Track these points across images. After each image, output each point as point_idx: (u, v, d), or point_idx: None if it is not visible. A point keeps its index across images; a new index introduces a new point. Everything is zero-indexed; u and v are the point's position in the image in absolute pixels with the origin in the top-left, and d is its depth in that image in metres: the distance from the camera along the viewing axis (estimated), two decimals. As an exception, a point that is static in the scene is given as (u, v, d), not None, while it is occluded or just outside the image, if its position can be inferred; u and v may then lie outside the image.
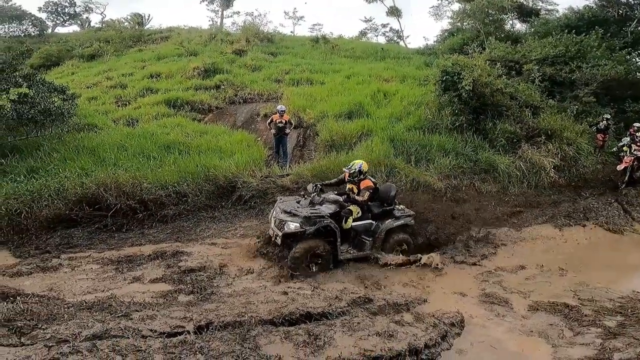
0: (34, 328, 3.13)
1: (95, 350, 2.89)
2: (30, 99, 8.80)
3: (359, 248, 5.54)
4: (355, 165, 5.76)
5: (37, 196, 6.91)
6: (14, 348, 2.89)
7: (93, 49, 15.77)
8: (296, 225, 5.18)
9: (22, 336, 3.05)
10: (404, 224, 5.76)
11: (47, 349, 2.88)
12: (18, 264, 5.76)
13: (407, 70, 13.06)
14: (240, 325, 3.41)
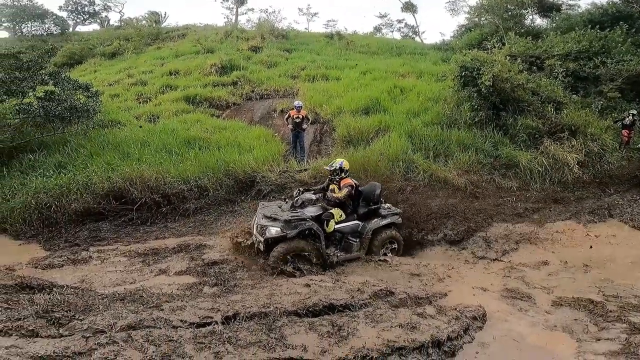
0: (72, 319, 3.20)
1: (130, 341, 2.95)
2: (56, 96, 9.11)
3: (347, 250, 5.41)
4: (336, 163, 5.69)
5: (66, 190, 7.18)
6: (53, 339, 2.95)
7: (113, 47, 16.16)
8: (277, 229, 5.06)
9: (61, 327, 3.10)
10: (390, 222, 5.65)
11: (84, 340, 2.94)
12: (49, 256, 5.97)
13: (424, 65, 12.95)
14: (265, 316, 3.48)
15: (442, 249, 5.72)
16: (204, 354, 2.92)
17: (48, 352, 2.73)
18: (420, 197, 7.14)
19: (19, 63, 8.85)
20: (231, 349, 3.02)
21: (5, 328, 2.96)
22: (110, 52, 16.02)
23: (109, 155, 8.36)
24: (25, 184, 7.48)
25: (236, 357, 2.95)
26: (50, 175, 7.76)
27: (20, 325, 2.99)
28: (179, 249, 6.14)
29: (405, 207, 6.93)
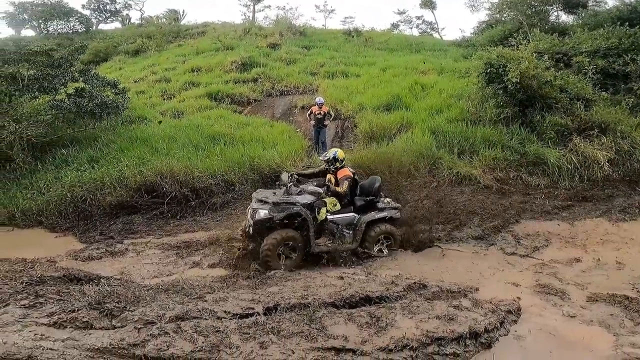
0: (123, 310, 3.28)
1: (180, 332, 3.05)
2: (87, 93, 9.40)
3: (340, 241, 5.33)
4: (330, 153, 5.61)
5: (100, 184, 7.43)
6: (107, 331, 3.03)
7: (137, 44, 16.52)
8: (265, 212, 5.00)
9: (113, 318, 3.17)
10: (387, 216, 5.53)
11: (137, 331, 3.03)
12: (86, 249, 6.17)
13: (445, 62, 12.87)
14: (305, 307, 3.57)
15: (470, 245, 5.74)
16: (250, 344, 3.03)
17: (104, 344, 2.85)
18: (445, 193, 7.16)
19: (51, 60, 9.16)
20: (275, 339, 3.13)
21: (60, 320, 3.08)
22: (134, 50, 16.40)
23: (138, 150, 8.59)
24: (59, 177, 7.76)
25: (280, 347, 3.05)
26: (83, 169, 8.04)
27: (75, 317, 3.12)
28: (210, 242, 6.29)
29: (430, 203, 6.99)
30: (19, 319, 3.08)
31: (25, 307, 3.25)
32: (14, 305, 3.26)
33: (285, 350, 3.03)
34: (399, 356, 3.11)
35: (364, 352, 3.09)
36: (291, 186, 5.36)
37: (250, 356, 2.94)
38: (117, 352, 2.82)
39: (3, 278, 4.00)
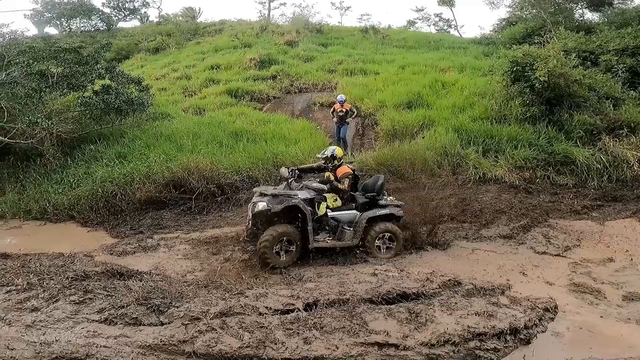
0: (169, 306, 3.33)
1: (226, 328, 3.11)
2: (113, 90, 9.59)
3: (339, 238, 5.26)
4: (328, 151, 5.56)
5: (129, 179, 7.60)
6: (155, 327, 3.09)
7: (157, 42, 16.77)
8: (263, 204, 4.97)
9: (160, 314, 3.22)
10: (389, 213, 5.42)
11: (184, 327, 3.09)
12: (118, 243, 6.27)
13: (465, 60, 12.76)
14: (344, 303, 3.63)
15: (498, 243, 5.73)
16: (294, 340, 3.10)
17: (155, 341, 2.92)
18: (470, 191, 7.16)
19: (79, 57, 9.36)
20: (318, 335, 3.19)
21: (111, 316, 3.14)
22: (154, 47, 16.65)
23: (164, 146, 8.76)
24: (89, 173, 7.96)
25: (324, 342, 3.11)
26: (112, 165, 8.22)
27: (124, 313, 3.18)
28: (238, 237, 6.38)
29: (455, 200, 7.00)
30: (71, 315, 3.17)
31: (75, 303, 3.34)
32: (64, 301, 3.35)
33: (330, 346, 3.10)
34: (441, 351, 3.16)
35: (407, 347, 3.15)
36: (292, 181, 5.32)
37: (295, 352, 3.01)
38: (167, 349, 2.89)
39: (48, 273, 4.08)
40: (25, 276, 3.88)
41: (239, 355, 2.94)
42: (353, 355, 3.06)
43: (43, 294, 3.44)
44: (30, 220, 7.24)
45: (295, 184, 5.29)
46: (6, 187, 7.85)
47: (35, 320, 3.07)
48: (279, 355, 2.98)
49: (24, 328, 2.98)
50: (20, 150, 8.16)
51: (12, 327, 2.98)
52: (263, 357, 2.96)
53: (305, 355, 3.00)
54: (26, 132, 7.41)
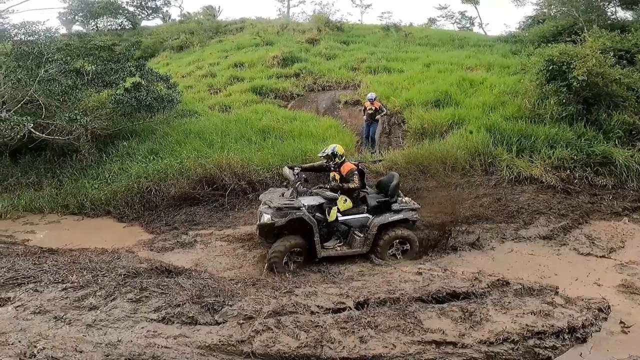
0: (223, 305, 3.30)
1: (281, 327, 3.08)
2: (143, 87, 9.74)
3: (350, 245, 5.04)
4: (328, 149, 5.31)
5: (163, 175, 7.73)
6: (211, 327, 3.08)
7: (181, 40, 16.96)
8: (268, 217, 4.85)
9: (215, 313, 3.20)
10: (403, 218, 5.12)
11: (239, 327, 3.07)
12: (155, 239, 6.39)
13: (492, 58, 12.54)
14: (395, 302, 3.62)
15: (539, 244, 5.65)
16: (350, 339, 3.07)
17: (214, 341, 2.89)
18: (505, 191, 7.06)
19: (113, 55, 9.54)
20: (373, 334, 3.17)
21: (168, 315, 3.12)
22: (178, 46, 16.84)
23: (194, 143, 8.88)
24: (124, 169, 8.12)
25: (380, 341, 3.10)
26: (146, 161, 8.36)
27: (181, 312, 3.16)
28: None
29: (489, 200, 6.92)
30: (130, 314, 3.15)
31: (132, 301, 3.33)
32: (121, 299, 3.35)
33: (387, 344, 3.09)
34: (500, 349, 3.15)
35: (465, 345, 3.13)
36: (299, 185, 5.13)
37: (353, 350, 2.99)
38: (226, 349, 2.88)
39: (100, 269, 4.14)
40: (79, 273, 3.91)
41: (297, 355, 2.91)
42: (411, 354, 3.06)
43: (100, 291, 3.46)
44: (68, 215, 7.43)
45: (303, 189, 5.12)
46: (43, 182, 8.07)
47: (96, 319, 3.05)
48: (337, 354, 2.96)
49: (84, 328, 2.94)
50: (57, 146, 8.38)
51: (73, 326, 2.95)
52: (321, 356, 2.95)
53: (363, 354, 3.00)
54: (65, 129, 7.58)
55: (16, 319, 2.95)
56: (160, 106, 9.75)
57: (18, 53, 8.24)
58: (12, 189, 7.91)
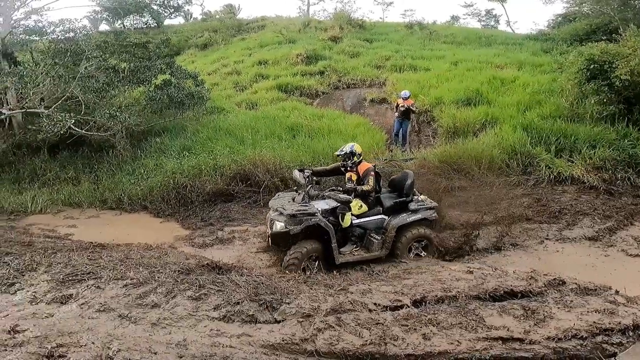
0: (281, 302, 3.27)
1: (343, 325, 3.04)
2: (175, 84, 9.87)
3: (367, 248, 4.80)
4: (347, 147, 5.06)
5: (197, 172, 7.82)
6: (271, 325, 3.04)
7: (205, 38, 17.13)
8: (281, 225, 4.60)
9: (274, 311, 3.16)
10: (421, 218, 4.94)
11: (300, 325, 3.02)
12: (192, 235, 6.43)
13: (523, 56, 12.32)
14: (453, 300, 3.59)
15: (584, 245, 5.52)
16: (414, 336, 3.03)
17: (277, 340, 2.84)
18: (544, 192, 6.94)
19: (147, 53, 9.68)
20: (436, 331, 3.11)
21: (228, 314, 3.09)
22: (202, 44, 17.02)
23: (226, 140, 8.96)
24: (159, 164, 8.24)
25: (444, 337, 3.05)
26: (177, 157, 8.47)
27: (241, 310, 3.13)
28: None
29: (529, 201, 6.81)
30: (192, 313, 3.11)
31: (192, 299, 3.29)
32: (181, 297, 3.31)
33: (452, 341, 3.04)
34: (568, 345, 3.09)
35: (532, 341, 3.09)
36: (310, 188, 4.89)
37: (418, 347, 2.95)
38: (290, 348, 2.84)
39: (154, 265, 4.14)
40: (135, 269, 3.93)
41: (361, 352, 2.86)
42: (478, 350, 3.01)
43: (160, 288, 3.43)
44: (107, 210, 7.57)
45: (314, 192, 4.87)
46: (81, 177, 8.24)
47: (160, 318, 3.00)
48: (401, 351, 2.92)
49: (149, 326, 2.90)
50: (94, 142, 8.55)
51: (138, 325, 2.92)
52: (386, 354, 2.93)
53: (428, 351, 2.95)
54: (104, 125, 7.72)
55: (82, 317, 2.93)
56: (191, 103, 9.87)
57: (56, 50, 8.43)
58: (50, 184, 8.10)
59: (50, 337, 2.57)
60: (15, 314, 2.90)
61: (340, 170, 5.30)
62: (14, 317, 2.83)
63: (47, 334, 2.61)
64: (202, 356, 2.62)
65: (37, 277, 3.53)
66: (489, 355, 2.97)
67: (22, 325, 2.69)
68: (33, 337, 2.56)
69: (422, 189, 7.69)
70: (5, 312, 2.93)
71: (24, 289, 3.31)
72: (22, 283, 3.40)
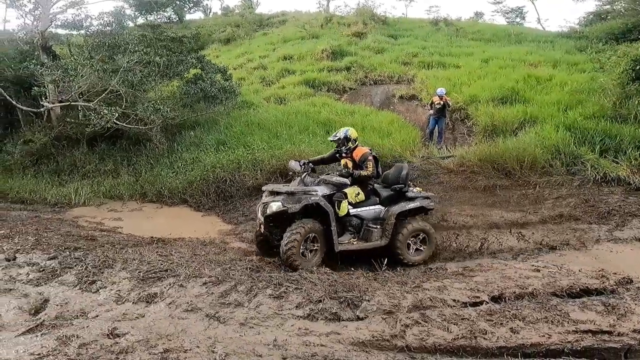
0: (361, 300, 3.25)
1: (429, 321, 3.05)
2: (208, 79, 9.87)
3: (366, 239, 4.56)
4: (341, 132, 4.83)
5: (236, 166, 7.83)
6: (356, 322, 3.04)
7: (227, 33, 17.12)
8: (278, 204, 4.24)
9: (355, 309, 3.14)
10: (419, 206, 4.75)
11: (384, 322, 3.03)
12: (234, 230, 6.43)
13: (557, 54, 12.11)
14: (531, 296, 3.59)
15: (637, 246, 5.44)
16: (502, 330, 3.02)
17: (367, 337, 2.83)
18: (591, 192, 6.83)
19: (181, 47, 9.69)
20: (522, 325, 3.12)
21: (312, 312, 3.08)
22: (225, 38, 17.02)
23: (260, 134, 8.95)
24: (198, 158, 8.26)
25: (532, 331, 3.06)
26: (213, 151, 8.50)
27: (324, 308, 3.11)
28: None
29: (575, 201, 6.70)
30: (277, 312, 3.10)
31: (274, 298, 3.28)
32: (262, 295, 3.31)
33: (542, 334, 3.04)
34: (655, 336, 3.09)
35: (620, 333, 3.09)
36: (306, 176, 4.61)
37: (510, 340, 2.95)
38: (379, 345, 2.83)
39: (224, 262, 4.21)
40: (208, 266, 3.97)
41: (453, 346, 2.89)
42: (570, 341, 3.01)
43: (239, 287, 3.43)
44: (147, 203, 7.63)
45: (310, 179, 4.58)
46: (120, 170, 8.31)
47: (247, 317, 2.97)
48: (493, 344, 2.92)
49: (238, 327, 2.87)
50: (133, 135, 8.59)
51: (228, 325, 2.88)
52: (477, 347, 2.94)
53: (521, 343, 2.95)
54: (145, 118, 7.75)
55: (172, 317, 2.90)
56: (224, 97, 9.87)
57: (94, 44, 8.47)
58: (90, 176, 8.17)
59: (151, 341, 2.55)
60: (105, 315, 2.87)
61: (336, 157, 5.06)
62: (106, 319, 2.80)
63: (147, 338, 2.58)
64: (304, 357, 2.60)
65: (116, 275, 3.52)
66: (580, 347, 2.99)
67: (120, 328, 2.67)
68: (135, 341, 2.53)
69: (461, 187, 7.76)
70: (93, 313, 2.90)
71: (106, 287, 3.29)
72: (102, 281, 3.38)
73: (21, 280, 3.41)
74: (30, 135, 8.21)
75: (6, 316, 2.81)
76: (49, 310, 2.88)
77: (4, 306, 2.94)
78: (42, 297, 3.07)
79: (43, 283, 3.34)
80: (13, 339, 2.50)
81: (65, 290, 3.22)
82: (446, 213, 6.75)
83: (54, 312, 2.85)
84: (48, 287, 3.27)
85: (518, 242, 5.87)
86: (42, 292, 3.15)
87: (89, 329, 2.63)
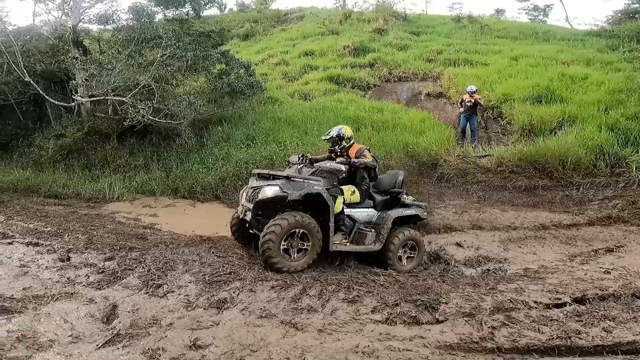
0: (439, 302, 3.18)
1: (517, 322, 3.00)
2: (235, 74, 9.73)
3: (357, 241, 4.32)
4: (334, 130, 4.58)
5: (269, 162, 7.68)
6: (436, 325, 2.96)
7: (245, 29, 16.97)
8: (275, 189, 3.77)
9: (434, 311, 3.08)
10: (414, 214, 4.61)
11: (467, 324, 2.95)
12: None
13: (590, 53, 11.80)
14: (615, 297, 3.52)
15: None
16: (595, 330, 2.95)
17: (454, 340, 2.76)
18: (637, 194, 6.61)
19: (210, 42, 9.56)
20: (614, 325, 3.05)
21: (391, 316, 3.00)
22: (244, 34, 16.87)
23: (289, 130, 8.81)
24: (228, 154, 8.14)
25: (625, 330, 2.97)
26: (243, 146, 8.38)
27: (402, 312, 3.04)
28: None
29: (623, 203, 6.50)
30: (355, 317, 2.99)
31: (348, 302, 3.18)
32: (335, 300, 3.20)
33: (636, 333, 2.95)
34: None
35: None
36: (302, 167, 4.34)
37: (606, 339, 2.86)
38: (467, 347, 2.76)
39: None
40: None
41: (548, 346, 2.79)
42: None
43: (309, 291, 3.30)
44: (179, 199, 7.51)
45: (306, 170, 4.27)
46: (151, 165, 8.21)
47: (325, 323, 2.85)
48: (589, 343, 2.82)
49: (317, 333, 2.75)
50: (162, 129, 8.48)
51: (306, 332, 2.75)
52: (572, 347, 2.81)
53: (617, 341, 2.84)
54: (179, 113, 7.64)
55: (247, 325, 2.78)
56: (251, 92, 9.74)
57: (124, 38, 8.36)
58: (121, 171, 8.08)
59: (236, 353, 2.42)
60: (179, 323, 2.72)
61: (330, 154, 4.80)
62: (182, 327, 2.66)
63: (232, 349, 2.44)
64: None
65: (180, 277, 3.39)
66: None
67: (201, 338, 2.51)
68: (222, 353, 2.39)
69: (501, 187, 7.57)
70: (166, 320, 2.73)
71: (173, 292, 3.13)
72: (168, 284, 3.23)
73: (81, 283, 3.26)
74: (62, 130, 8.12)
75: (79, 325, 2.62)
76: (122, 317, 2.71)
77: (73, 313, 2.74)
78: (110, 303, 2.91)
79: (105, 286, 3.19)
80: (94, 352, 2.33)
81: (131, 294, 3.06)
82: (485, 212, 6.63)
83: (127, 319, 2.68)
84: (112, 290, 3.11)
85: (568, 244, 5.73)
86: (107, 297, 2.99)
87: (169, 339, 2.48)
